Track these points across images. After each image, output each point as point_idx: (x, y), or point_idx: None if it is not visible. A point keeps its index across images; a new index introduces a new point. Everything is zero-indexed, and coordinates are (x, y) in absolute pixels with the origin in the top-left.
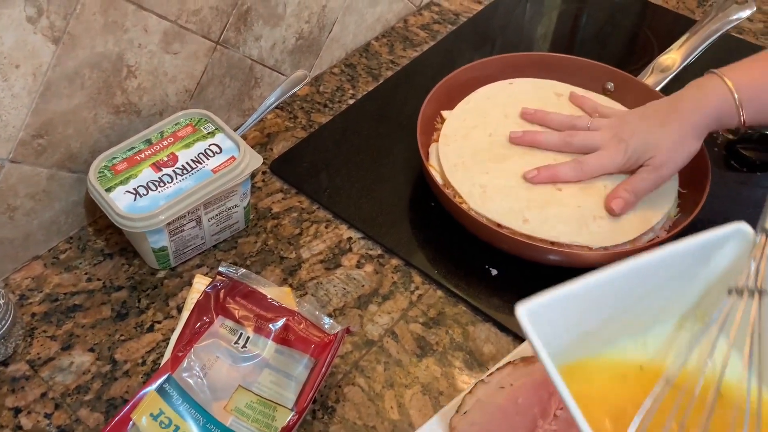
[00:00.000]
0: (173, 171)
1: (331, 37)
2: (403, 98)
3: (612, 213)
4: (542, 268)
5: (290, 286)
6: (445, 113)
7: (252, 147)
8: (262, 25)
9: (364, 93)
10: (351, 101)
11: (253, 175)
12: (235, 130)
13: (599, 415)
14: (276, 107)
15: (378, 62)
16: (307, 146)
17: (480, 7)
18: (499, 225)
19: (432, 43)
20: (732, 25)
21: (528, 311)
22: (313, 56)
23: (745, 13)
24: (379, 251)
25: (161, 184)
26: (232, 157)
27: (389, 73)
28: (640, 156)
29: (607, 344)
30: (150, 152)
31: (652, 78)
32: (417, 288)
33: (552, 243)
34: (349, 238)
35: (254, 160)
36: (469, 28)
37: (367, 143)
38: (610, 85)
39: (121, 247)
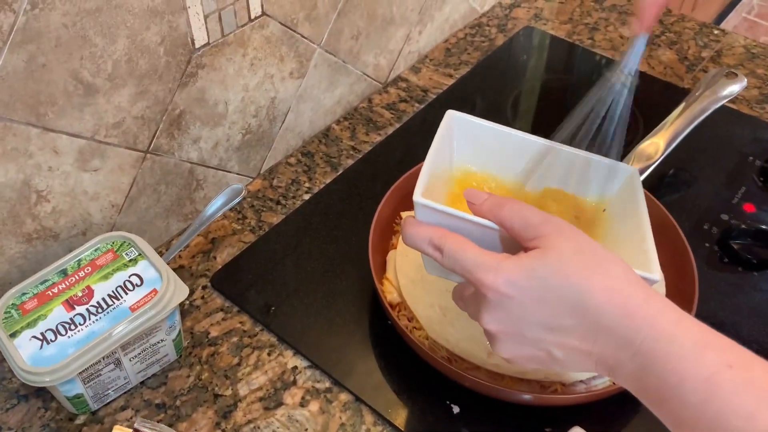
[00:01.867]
0: (87, 309)
1: (285, 127)
2: (363, 191)
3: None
4: (511, 404)
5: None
6: (405, 215)
7: (194, 255)
8: (201, 127)
9: (322, 186)
10: (306, 196)
11: (192, 292)
12: (178, 235)
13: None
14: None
15: (338, 149)
16: (254, 254)
17: (451, 81)
18: (460, 357)
19: (397, 125)
20: (720, 103)
21: (452, 116)
22: (264, 149)
23: (736, 89)
24: (327, 384)
25: (72, 327)
26: (154, 290)
27: (350, 162)
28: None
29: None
30: (64, 286)
31: (635, 166)
32: (368, 431)
33: (521, 379)
34: (294, 368)
35: (179, 293)
36: (439, 105)
37: (321, 248)
38: None
39: (38, 387)
